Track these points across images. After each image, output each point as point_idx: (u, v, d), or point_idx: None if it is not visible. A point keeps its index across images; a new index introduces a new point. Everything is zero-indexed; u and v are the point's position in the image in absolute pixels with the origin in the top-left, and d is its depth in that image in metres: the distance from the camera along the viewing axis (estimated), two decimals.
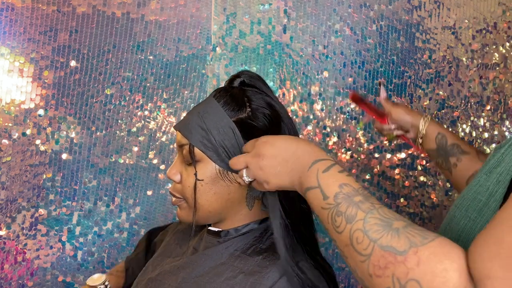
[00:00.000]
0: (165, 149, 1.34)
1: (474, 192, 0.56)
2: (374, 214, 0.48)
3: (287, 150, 0.61)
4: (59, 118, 1.27)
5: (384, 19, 1.42)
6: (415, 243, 0.43)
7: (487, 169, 0.56)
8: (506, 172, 0.53)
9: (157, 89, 1.33)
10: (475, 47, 1.46)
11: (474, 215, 0.55)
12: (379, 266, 0.45)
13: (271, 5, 1.37)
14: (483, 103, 1.45)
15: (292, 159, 0.60)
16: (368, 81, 1.42)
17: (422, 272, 0.41)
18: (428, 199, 1.43)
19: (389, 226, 0.46)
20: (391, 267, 0.43)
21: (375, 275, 0.45)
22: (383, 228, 0.46)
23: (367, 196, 0.52)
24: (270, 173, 0.62)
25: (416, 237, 0.44)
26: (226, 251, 0.74)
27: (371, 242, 0.46)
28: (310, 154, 0.59)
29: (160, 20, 1.33)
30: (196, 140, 0.73)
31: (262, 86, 0.79)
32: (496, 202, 0.52)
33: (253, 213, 0.77)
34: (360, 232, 0.48)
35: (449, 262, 0.41)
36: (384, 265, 0.44)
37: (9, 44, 1.23)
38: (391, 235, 0.45)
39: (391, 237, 0.45)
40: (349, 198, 0.51)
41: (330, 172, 0.55)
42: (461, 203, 0.58)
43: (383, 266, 0.44)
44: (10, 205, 1.23)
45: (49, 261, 1.26)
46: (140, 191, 1.32)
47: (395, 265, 0.43)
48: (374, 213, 0.48)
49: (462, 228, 0.56)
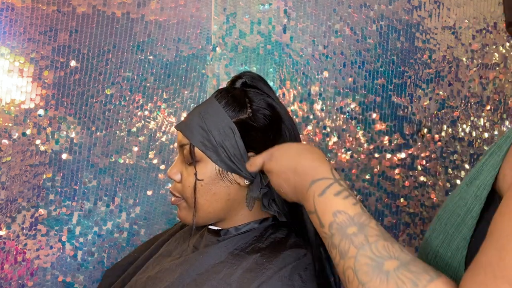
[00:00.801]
0: (165, 149, 1.34)
1: (454, 204, 0.52)
2: (365, 252, 0.46)
3: (289, 168, 0.59)
4: (59, 118, 1.27)
5: (384, 19, 1.42)
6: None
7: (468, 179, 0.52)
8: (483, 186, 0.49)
9: (157, 89, 1.33)
10: (475, 47, 1.46)
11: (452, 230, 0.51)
12: None
13: (271, 5, 1.37)
14: (483, 103, 1.45)
15: (294, 178, 0.58)
16: (368, 81, 1.42)
17: None
18: (428, 199, 1.43)
19: (379, 268, 0.44)
20: None
21: None
22: (372, 270, 0.44)
23: (363, 226, 0.49)
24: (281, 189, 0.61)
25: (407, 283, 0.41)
26: (225, 249, 0.74)
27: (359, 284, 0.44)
28: (308, 173, 0.56)
29: (160, 20, 1.33)
30: (197, 140, 0.73)
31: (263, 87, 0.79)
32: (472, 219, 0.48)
33: (253, 213, 0.77)
34: (351, 271, 0.46)
35: None
36: None
37: (9, 44, 1.23)
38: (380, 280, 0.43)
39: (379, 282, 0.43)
40: (343, 229, 0.49)
41: (326, 195, 0.53)
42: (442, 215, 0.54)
43: None
44: (10, 205, 1.23)
45: (49, 261, 1.26)
46: (140, 191, 1.32)
47: None
48: (366, 250, 0.46)
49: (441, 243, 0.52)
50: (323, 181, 0.54)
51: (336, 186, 0.53)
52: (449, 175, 1.45)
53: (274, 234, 0.75)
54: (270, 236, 0.75)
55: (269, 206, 0.74)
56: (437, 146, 1.46)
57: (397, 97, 1.44)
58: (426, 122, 1.45)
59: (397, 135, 1.43)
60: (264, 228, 0.77)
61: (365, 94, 1.42)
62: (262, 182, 0.74)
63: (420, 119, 1.45)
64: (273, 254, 0.70)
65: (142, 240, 1.32)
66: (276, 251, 0.70)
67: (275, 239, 0.74)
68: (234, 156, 0.72)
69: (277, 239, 0.74)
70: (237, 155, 0.72)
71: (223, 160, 0.73)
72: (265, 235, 0.75)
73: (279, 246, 0.72)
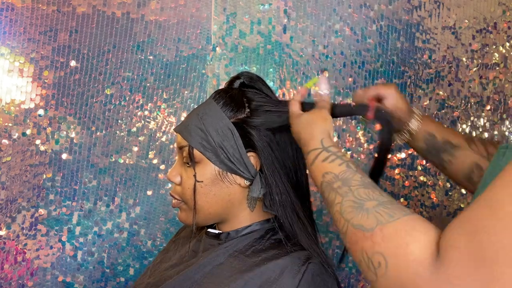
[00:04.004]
0: (165, 149, 1.34)
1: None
2: (349, 197, 0.54)
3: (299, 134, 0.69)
4: (59, 118, 1.27)
5: (384, 19, 1.42)
6: (381, 221, 0.48)
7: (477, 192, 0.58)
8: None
9: (157, 89, 1.33)
10: (475, 47, 1.46)
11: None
12: (352, 241, 0.51)
13: (271, 5, 1.37)
14: (483, 103, 1.45)
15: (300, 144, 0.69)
16: (368, 81, 1.42)
17: (386, 246, 0.46)
18: (428, 199, 1.43)
19: (361, 207, 0.52)
20: (360, 243, 0.49)
21: (351, 249, 0.52)
22: (355, 210, 0.52)
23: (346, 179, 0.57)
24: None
25: (384, 215, 0.49)
26: (225, 251, 0.74)
27: (345, 222, 0.52)
28: (305, 144, 0.66)
29: (160, 20, 1.33)
30: (195, 141, 0.73)
31: (262, 87, 0.79)
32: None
33: (255, 214, 0.77)
34: (338, 214, 0.54)
35: (411, 238, 0.45)
36: (355, 241, 0.50)
37: (9, 44, 1.23)
38: (361, 215, 0.51)
39: (361, 217, 0.51)
40: (330, 185, 0.58)
41: (316, 163, 0.63)
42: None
43: (354, 241, 0.50)
44: (10, 205, 1.23)
45: (49, 261, 1.26)
46: (140, 191, 1.32)
47: (363, 240, 0.48)
48: (349, 196, 0.54)
49: None
50: (314, 151, 0.64)
51: (324, 153, 0.63)
52: None
53: (275, 236, 0.75)
54: (271, 238, 0.74)
55: (270, 206, 0.74)
56: None
57: None
58: None
59: None
60: (265, 229, 0.76)
61: None
62: (262, 181, 0.73)
63: None
64: (273, 257, 0.69)
65: (142, 240, 1.32)
66: (277, 253, 0.70)
67: (276, 241, 0.73)
68: (234, 156, 0.72)
69: (277, 241, 0.73)
70: (237, 156, 0.72)
71: (222, 161, 0.72)
72: (265, 237, 0.75)
73: (279, 248, 0.71)
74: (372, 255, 0.47)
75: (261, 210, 0.77)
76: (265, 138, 0.74)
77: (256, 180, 0.73)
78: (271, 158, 0.73)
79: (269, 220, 0.77)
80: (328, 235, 1.40)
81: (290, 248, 0.71)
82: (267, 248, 0.72)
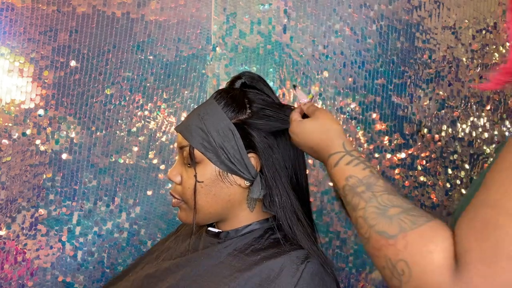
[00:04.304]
0: (165, 149, 1.34)
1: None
2: (373, 203, 0.55)
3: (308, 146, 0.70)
4: (59, 118, 1.27)
5: (384, 19, 1.42)
6: (404, 228, 0.49)
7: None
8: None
9: (157, 89, 1.33)
10: (475, 47, 1.46)
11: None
12: (375, 247, 0.51)
13: (271, 5, 1.37)
14: (483, 103, 1.45)
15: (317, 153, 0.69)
16: (368, 81, 1.42)
17: (409, 253, 0.47)
18: (428, 199, 1.44)
19: (384, 214, 0.52)
20: (384, 249, 0.50)
21: (373, 255, 0.52)
22: (378, 216, 0.53)
23: (370, 185, 0.58)
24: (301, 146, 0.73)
25: (407, 223, 0.50)
26: (225, 250, 0.74)
27: (369, 228, 0.53)
28: (325, 149, 0.67)
29: (160, 20, 1.33)
30: (196, 142, 0.73)
31: (263, 87, 0.79)
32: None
33: (254, 214, 0.77)
34: (361, 219, 0.55)
35: (433, 245, 0.46)
36: (378, 247, 0.51)
37: (9, 44, 1.23)
38: (385, 222, 0.51)
39: (384, 223, 0.51)
40: (354, 189, 0.58)
41: (339, 166, 0.63)
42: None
43: (377, 248, 0.51)
44: (10, 205, 1.23)
45: (49, 261, 1.26)
46: (140, 191, 1.32)
47: (387, 247, 0.49)
48: (373, 202, 0.55)
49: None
50: (337, 155, 0.64)
51: (347, 157, 0.63)
52: (449, 175, 1.45)
53: (274, 235, 0.75)
54: (270, 237, 0.75)
55: (270, 207, 0.74)
56: (437, 146, 1.46)
57: (397, 97, 1.44)
58: (426, 122, 1.45)
59: (397, 135, 1.43)
60: (265, 229, 0.76)
61: (365, 94, 1.42)
62: (262, 182, 0.73)
63: (420, 119, 1.45)
64: (272, 255, 0.69)
65: (142, 240, 1.32)
66: (276, 252, 0.70)
67: (275, 240, 0.74)
68: (234, 157, 0.72)
69: (277, 240, 0.74)
70: (237, 156, 0.72)
71: (223, 161, 0.72)
72: (265, 236, 0.75)
73: (278, 247, 0.71)
74: (396, 263, 0.48)
75: (261, 210, 0.77)
76: (265, 140, 0.74)
77: (256, 181, 0.73)
78: (272, 159, 0.73)
79: (268, 220, 0.78)
80: (328, 235, 1.40)
81: (289, 247, 0.71)
82: (266, 247, 0.72)
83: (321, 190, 1.40)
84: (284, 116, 0.75)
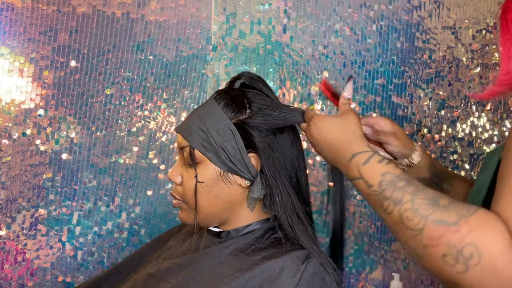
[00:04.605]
0: (165, 149, 1.34)
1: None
2: (419, 196, 0.55)
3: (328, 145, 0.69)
4: (59, 118, 1.27)
5: (384, 19, 1.42)
6: (463, 215, 0.51)
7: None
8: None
9: (157, 89, 1.33)
10: (475, 47, 1.46)
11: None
12: (433, 237, 0.51)
13: (271, 5, 1.37)
14: (483, 103, 1.46)
15: (335, 151, 0.68)
16: (368, 81, 1.42)
17: (477, 236, 0.49)
18: None
19: (436, 204, 0.53)
20: (446, 237, 0.50)
21: (430, 245, 0.52)
22: (431, 206, 0.53)
23: (410, 181, 0.58)
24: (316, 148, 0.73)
25: (463, 210, 0.51)
26: (225, 250, 0.74)
27: (422, 218, 0.53)
28: (349, 149, 0.66)
29: (160, 20, 1.33)
30: (197, 142, 0.73)
31: (262, 87, 0.79)
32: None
33: (254, 214, 0.77)
34: (410, 211, 0.55)
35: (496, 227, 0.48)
36: (438, 236, 0.51)
37: (9, 44, 1.23)
38: (441, 211, 0.52)
39: (441, 212, 0.52)
40: (393, 184, 0.58)
41: (370, 163, 0.63)
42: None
43: (437, 237, 0.51)
44: (10, 205, 1.23)
45: (49, 261, 1.26)
46: (140, 191, 1.32)
47: (449, 234, 0.50)
48: (419, 194, 0.55)
49: None
50: (364, 153, 0.64)
51: (377, 156, 0.64)
52: None
53: (274, 235, 0.75)
54: (270, 237, 0.75)
55: (270, 206, 0.74)
56: (437, 146, 1.46)
57: (397, 97, 1.44)
58: (426, 122, 1.45)
59: None
60: (265, 229, 0.76)
61: (365, 94, 1.42)
62: (262, 182, 0.73)
63: (420, 119, 1.45)
64: (273, 255, 0.69)
65: (142, 240, 1.32)
66: (276, 252, 0.70)
67: (276, 240, 0.74)
68: (235, 157, 0.72)
69: (277, 239, 0.74)
70: (238, 156, 0.72)
71: (223, 161, 0.72)
72: (265, 236, 0.75)
73: (279, 247, 0.71)
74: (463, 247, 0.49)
75: (261, 210, 0.77)
76: (266, 139, 0.74)
77: (256, 180, 0.73)
78: (272, 159, 0.73)
79: (269, 219, 0.78)
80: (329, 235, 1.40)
81: (290, 247, 0.71)
82: (267, 247, 0.72)
83: (321, 190, 1.40)
84: (284, 116, 0.75)
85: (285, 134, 0.76)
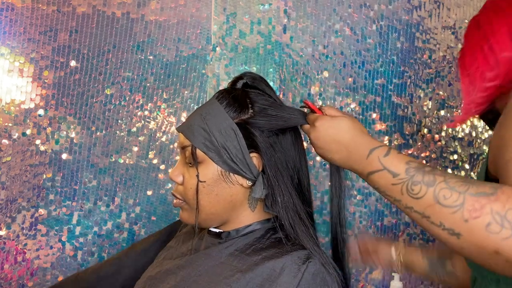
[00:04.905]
0: (165, 149, 1.34)
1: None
2: (450, 176, 0.58)
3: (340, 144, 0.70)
4: (59, 118, 1.27)
5: (384, 19, 1.43)
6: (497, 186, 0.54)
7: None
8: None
9: (157, 89, 1.33)
10: None
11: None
12: (475, 208, 0.54)
13: (271, 5, 1.37)
14: None
15: (345, 149, 0.69)
16: (368, 81, 1.42)
17: None
18: None
19: (469, 181, 0.56)
20: (488, 206, 0.53)
21: (472, 218, 0.54)
22: (466, 183, 0.56)
23: (434, 167, 0.62)
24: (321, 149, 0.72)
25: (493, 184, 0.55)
26: (226, 251, 0.74)
27: (460, 194, 0.56)
28: (364, 145, 0.68)
29: (160, 20, 1.33)
30: (198, 141, 0.73)
31: (264, 87, 0.79)
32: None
33: (255, 214, 0.77)
34: (446, 190, 0.57)
35: None
36: (480, 206, 0.53)
37: (9, 44, 1.23)
38: (477, 185, 0.55)
39: (477, 186, 0.55)
40: (421, 169, 0.61)
41: (391, 155, 0.65)
42: None
43: (478, 208, 0.54)
44: (10, 205, 1.23)
45: (49, 261, 1.26)
46: (140, 191, 1.32)
47: (491, 203, 0.53)
48: (449, 175, 0.59)
49: None
50: (383, 147, 0.66)
51: (395, 150, 0.66)
52: None
53: (275, 235, 0.75)
54: (271, 237, 0.75)
55: (272, 207, 0.74)
56: (437, 146, 1.46)
57: (397, 97, 1.44)
58: (426, 122, 1.45)
59: (397, 135, 1.43)
60: (266, 229, 0.76)
61: (365, 94, 1.42)
62: (264, 182, 0.73)
63: (420, 119, 1.45)
64: (274, 255, 0.69)
65: None
66: (277, 252, 0.70)
67: (276, 240, 0.74)
68: (236, 157, 0.72)
69: (278, 239, 0.74)
70: (239, 156, 0.72)
71: (225, 161, 0.72)
72: (266, 236, 0.75)
73: (280, 247, 0.71)
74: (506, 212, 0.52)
75: (262, 210, 0.77)
76: (268, 139, 0.74)
77: (258, 181, 0.73)
78: (274, 159, 0.73)
79: (270, 220, 0.78)
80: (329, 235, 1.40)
81: (291, 247, 0.71)
82: (268, 247, 0.72)
83: (321, 190, 1.40)
84: (286, 117, 0.75)
85: (287, 135, 0.76)
